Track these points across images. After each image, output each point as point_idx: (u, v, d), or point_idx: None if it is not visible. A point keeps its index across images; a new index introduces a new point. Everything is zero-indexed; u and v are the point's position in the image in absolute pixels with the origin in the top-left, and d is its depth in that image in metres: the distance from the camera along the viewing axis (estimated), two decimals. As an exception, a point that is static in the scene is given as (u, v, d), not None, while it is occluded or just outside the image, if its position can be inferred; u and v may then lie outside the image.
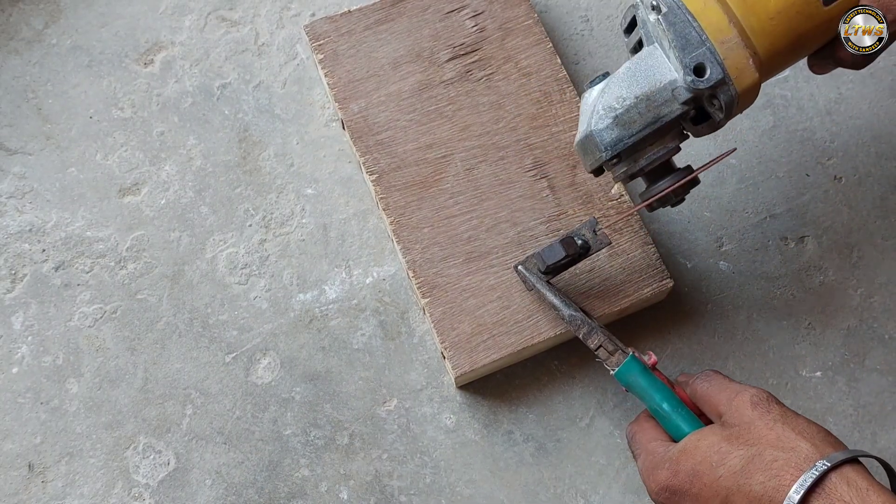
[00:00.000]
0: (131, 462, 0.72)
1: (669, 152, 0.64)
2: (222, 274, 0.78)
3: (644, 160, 0.64)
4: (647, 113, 0.62)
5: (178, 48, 0.85)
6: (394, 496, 0.72)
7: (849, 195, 0.83)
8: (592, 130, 0.64)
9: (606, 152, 0.64)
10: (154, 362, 0.75)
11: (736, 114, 0.63)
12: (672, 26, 0.61)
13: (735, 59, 0.60)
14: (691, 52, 0.61)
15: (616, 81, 0.63)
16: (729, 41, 0.60)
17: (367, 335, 0.77)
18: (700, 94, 0.61)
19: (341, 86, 0.80)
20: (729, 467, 0.57)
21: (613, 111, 0.63)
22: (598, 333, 0.68)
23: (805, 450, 0.56)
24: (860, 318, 0.79)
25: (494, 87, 0.80)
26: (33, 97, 0.83)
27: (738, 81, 0.61)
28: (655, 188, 0.66)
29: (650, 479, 0.62)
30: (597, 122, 0.63)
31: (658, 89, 0.62)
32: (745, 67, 0.61)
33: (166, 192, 0.80)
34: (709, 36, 0.60)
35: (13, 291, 0.77)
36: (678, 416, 0.64)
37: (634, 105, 0.62)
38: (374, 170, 0.77)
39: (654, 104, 0.62)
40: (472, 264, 0.75)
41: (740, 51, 0.60)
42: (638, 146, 0.64)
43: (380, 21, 0.82)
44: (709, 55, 0.60)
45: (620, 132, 0.63)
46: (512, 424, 0.75)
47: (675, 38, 0.61)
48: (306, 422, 0.74)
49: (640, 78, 0.63)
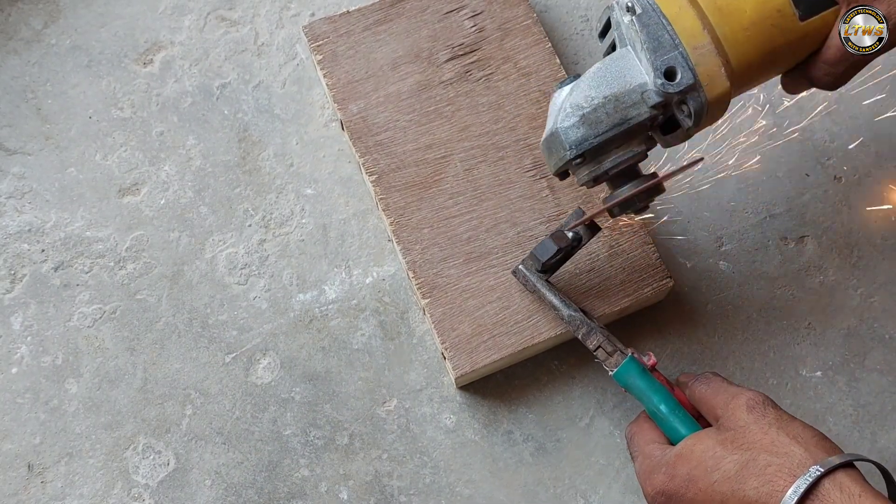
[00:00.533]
0: (131, 462, 0.72)
1: (635, 156, 0.64)
2: (222, 274, 0.78)
3: (608, 163, 0.64)
4: (614, 114, 0.62)
5: (178, 48, 0.85)
6: (393, 496, 0.72)
7: (848, 195, 0.83)
8: (558, 128, 0.63)
9: (570, 151, 0.63)
10: (153, 362, 0.75)
11: (705, 125, 0.63)
12: (645, 28, 0.60)
13: (707, 65, 0.60)
14: (663, 56, 0.60)
15: (586, 81, 0.63)
16: (702, 47, 0.60)
17: (367, 335, 0.77)
18: (669, 100, 0.61)
19: (340, 86, 0.80)
20: (724, 472, 0.57)
21: (581, 109, 0.62)
22: (596, 334, 0.68)
23: (799, 455, 0.56)
24: (860, 318, 0.79)
25: (494, 87, 0.80)
26: (32, 97, 0.83)
27: (708, 89, 0.60)
28: (618, 192, 0.65)
29: (647, 483, 0.62)
30: (563, 119, 0.63)
31: (627, 91, 0.61)
32: (716, 75, 0.60)
33: (166, 192, 0.80)
34: (682, 40, 0.60)
35: (13, 292, 0.77)
36: (675, 418, 0.64)
37: (602, 105, 0.62)
38: (374, 170, 0.77)
39: (623, 105, 0.61)
40: (472, 265, 0.75)
41: (713, 58, 0.60)
42: (603, 147, 0.63)
43: (379, 22, 0.82)
44: (680, 59, 0.60)
45: (586, 131, 0.62)
46: (511, 424, 0.75)
47: (648, 40, 0.60)
48: (306, 422, 0.74)
49: (610, 78, 0.62)
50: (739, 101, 0.83)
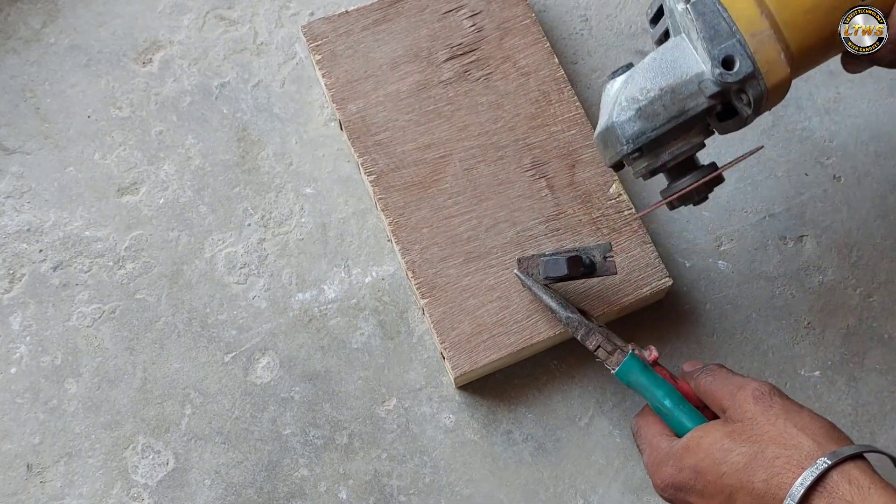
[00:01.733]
0: (130, 462, 0.72)
1: (693, 148, 0.62)
2: (221, 273, 0.78)
3: (667, 155, 0.62)
4: (671, 106, 0.60)
5: (177, 47, 0.85)
6: (393, 496, 0.72)
7: (848, 194, 0.83)
8: (614, 122, 0.61)
9: (628, 145, 0.61)
10: (153, 362, 0.75)
11: (764, 110, 0.61)
12: (701, 16, 0.58)
13: (766, 52, 0.58)
14: (720, 44, 0.58)
15: (640, 72, 0.61)
16: (760, 34, 0.58)
17: (367, 335, 0.77)
18: (728, 89, 0.59)
19: (339, 86, 0.80)
20: (732, 464, 0.57)
21: (637, 103, 0.60)
22: (595, 334, 0.68)
23: (807, 447, 0.55)
24: (859, 317, 0.79)
25: (493, 86, 0.80)
26: (31, 96, 0.83)
27: (768, 76, 0.58)
28: (677, 185, 0.64)
29: (655, 475, 0.62)
30: (619, 113, 0.61)
31: (684, 81, 0.59)
32: (776, 62, 0.58)
33: (165, 191, 0.80)
34: (739, 27, 0.58)
35: (11, 291, 0.77)
36: (680, 412, 0.64)
37: (659, 97, 0.60)
38: (373, 170, 0.77)
39: (680, 97, 0.60)
40: (472, 264, 0.75)
41: (772, 44, 0.58)
42: (661, 140, 0.61)
43: (377, 21, 0.81)
44: (739, 47, 0.58)
45: (643, 125, 0.60)
46: (511, 424, 0.75)
47: (704, 29, 0.58)
48: (305, 421, 0.74)
49: (665, 69, 0.60)
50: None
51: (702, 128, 0.63)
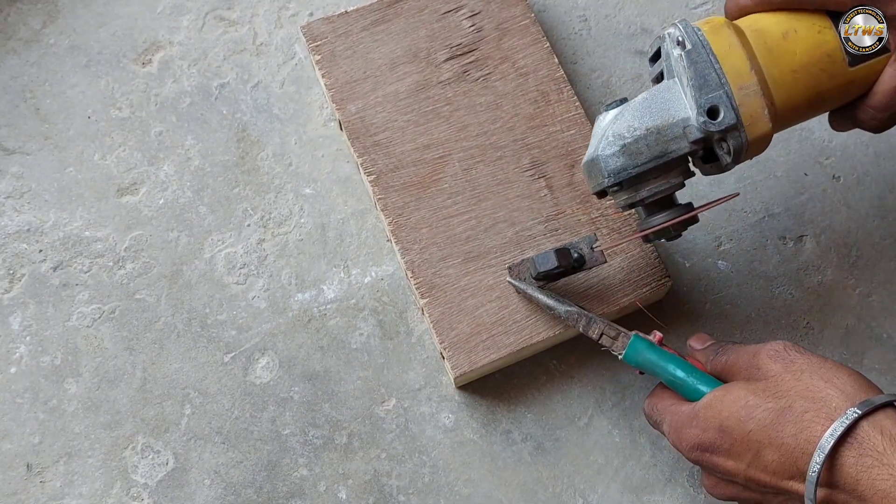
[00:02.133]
0: (130, 462, 0.72)
1: (672, 188, 0.64)
2: (220, 274, 0.78)
3: (646, 192, 0.64)
4: (655, 146, 0.62)
5: (176, 48, 0.85)
6: (392, 495, 0.72)
7: (847, 194, 0.83)
8: (598, 155, 0.63)
9: (609, 178, 0.63)
10: (152, 362, 0.75)
11: (745, 160, 0.63)
12: (693, 64, 0.61)
13: (751, 106, 0.60)
14: (708, 94, 0.60)
15: (630, 110, 0.63)
16: (748, 88, 0.60)
17: (366, 335, 0.77)
18: (710, 136, 0.61)
19: (338, 87, 0.80)
20: (758, 421, 0.57)
21: (622, 139, 0.62)
22: (597, 322, 0.68)
23: (835, 398, 0.55)
24: (858, 317, 0.79)
25: (492, 87, 0.80)
26: (31, 97, 0.83)
27: (750, 129, 0.60)
28: (653, 221, 0.66)
29: (680, 440, 0.62)
30: (604, 147, 0.63)
31: (670, 124, 0.62)
32: (759, 116, 0.60)
33: (164, 191, 0.80)
34: (728, 80, 0.60)
35: (11, 291, 0.77)
36: (695, 379, 0.64)
37: (644, 136, 0.62)
38: (372, 170, 0.77)
39: (664, 138, 0.62)
40: (471, 264, 0.75)
41: (757, 99, 0.60)
42: (642, 177, 0.63)
43: (377, 22, 0.82)
44: (725, 99, 0.60)
45: (626, 161, 0.63)
46: (510, 424, 0.75)
47: (695, 77, 0.61)
48: (305, 421, 0.74)
49: (654, 110, 0.62)
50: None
51: (682, 169, 0.65)
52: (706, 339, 0.68)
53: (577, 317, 0.69)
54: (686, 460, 0.67)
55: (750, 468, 0.58)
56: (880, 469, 0.52)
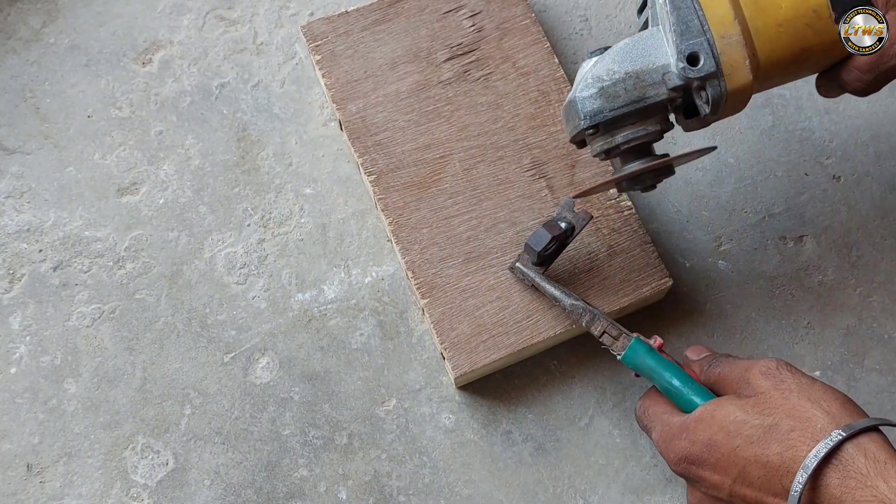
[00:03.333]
0: (130, 462, 0.72)
1: (648, 135, 0.63)
2: (221, 274, 0.78)
3: (621, 137, 0.63)
4: (633, 90, 0.62)
5: (177, 47, 0.85)
6: (392, 496, 0.72)
7: (847, 194, 0.83)
8: (576, 97, 0.63)
9: (585, 121, 0.63)
10: (152, 362, 0.75)
11: (724, 114, 0.63)
12: (676, 10, 0.60)
13: (732, 55, 0.60)
14: (689, 40, 0.60)
15: (611, 54, 0.63)
16: (730, 37, 0.60)
17: (366, 335, 0.77)
18: (689, 84, 0.61)
19: (339, 86, 0.80)
20: (746, 437, 0.57)
21: (600, 82, 0.62)
22: (600, 319, 0.68)
23: (821, 419, 0.55)
24: (859, 317, 0.79)
25: (492, 87, 0.80)
26: (31, 96, 0.83)
27: (730, 79, 0.60)
28: (628, 167, 0.65)
29: (668, 450, 0.62)
30: (582, 89, 0.63)
31: (649, 70, 0.61)
32: (740, 66, 0.60)
33: (164, 191, 0.80)
34: (710, 27, 0.60)
35: (11, 291, 0.77)
36: (690, 389, 0.64)
37: (623, 80, 0.62)
38: (373, 170, 0.77)
39: (643, 83, 0.61)
40: (471, 264, 0.74)
41: (739, 49, 0.60)
42: (618, 121, 0.63)
43: (377, 21, 0.81)
44: (706, 46, 0.60)
45: (602, 103, 0.62)
46: (511, 424, 0.75)
47: (677, 23, 0.60)
48: (305, 422, 0.74)
49: (634, 55, 0.62)
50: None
51: (660, 118, 0.64)
52: (702, 351, 0.68)
53: (582, 311, 0.69)
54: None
55: (735, 483, 0.58)
56: (863, 491, 0.52)
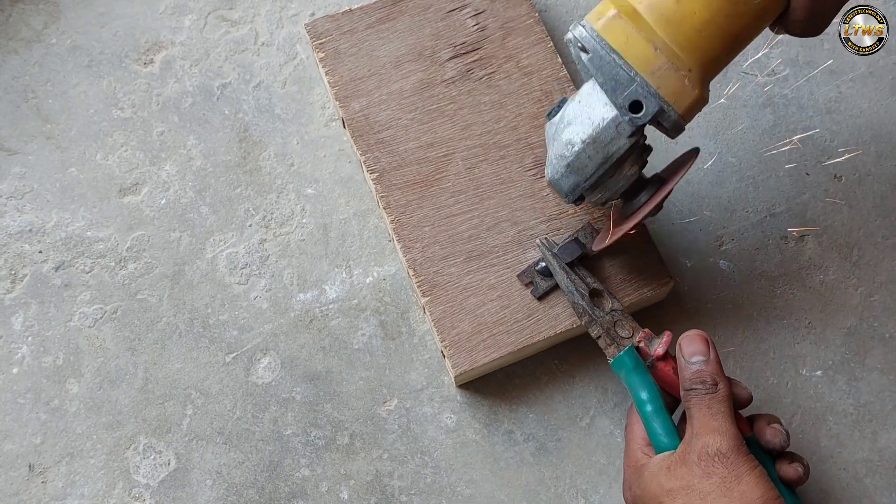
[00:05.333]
0: (132, 462, 0.72)
1: (628, 180, 0.66)
2: (222, 274, 0.78)
3: (609, 192, 0.66)
4: (596, 155, 0.63)
5: (178, 48, 0.85)
6: (394, 496, 0.72)
7: (849, 194, 0.83)
8: (551, 179, 0.66)
9: (568, 197, 0.67)
10: (154, 362, 0.75)
11: (689, 122, 0.63)
12: (599, 68, 0.61)
13: (669, 85, 0.60)
14: (623, 92, 0.60)
15: (564, 124, 0.64)
16: (659, 69, 0.59)
17: (368, 335, 0.77)
18: (643, 125, 0.61)
19: (342, 84, 0.80)
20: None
21: (565, 160, 0.64)
22: (596, 325, 0.69)
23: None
24: (860, 316, 0.79)
25: (495, 86, 0.80)
26: (33, 97, 0.83)
27: (677, 105, 0.60)
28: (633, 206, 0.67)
29: (622, 486, 0.67)
30: (553, 171, 0.66)
31: (602, 129, 0.62)
32: (682, 90, 0.60)
33: (166, 192, 0.80)
34: (637, 70, 0.60)
35: (13, 292, 0.77)
36: (658, 423, 0.65)
37: (583, 150, 0.63)
38: (375, 168, 0.77)
39: (601, 145, 0.63)
40: (473, 263, 0.75)
41: (672, 75, 0.59)
42: (598, 184, 0.65)
43: (381, 20, 0.82)
44: (641, 91, 0.60)
45: (576, 178, 0.65)
46: (512, 424, 0.75)
47: (605, 81, 0.61)
48: (307, 422, 0.74)
49: (583, 120, 0.63)
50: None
51: (635, 158, 0.66)
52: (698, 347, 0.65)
53: (582, 312, 0.70)
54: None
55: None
56: None
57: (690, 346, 0.65)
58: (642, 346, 0.68)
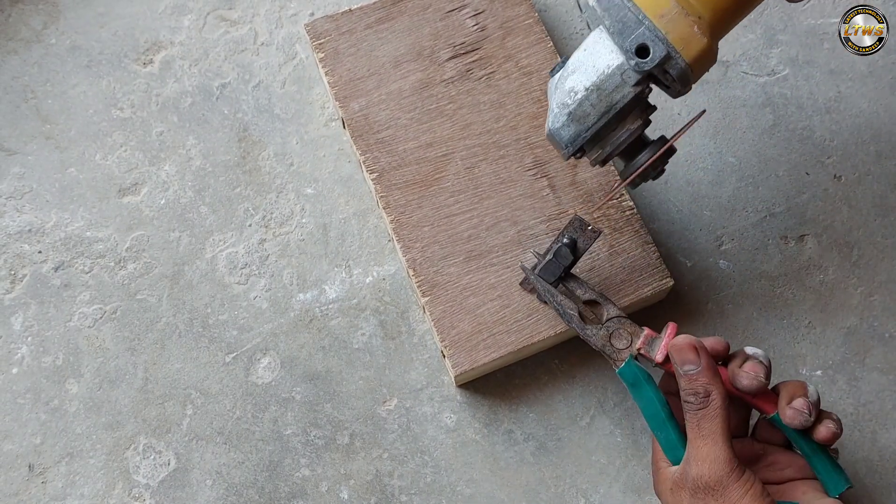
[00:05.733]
0: (131, 462, 0.72)
1: (632, 134, 0.63)
2: (222, 274, 0.78)
3: (610, 146, 0.63)
4: (599, 103, 0.61)
5: (178, 48, 0.85)
6: (394, 496, 0.72)
7: (848, 194, 0.83)
8: (550, 130, 0.63)
9: (567, 149, 0.63)
10: (154, 362, 0.75)
11: (698, 77, 0.61)
12: (607, 11, 0.59)
13: (678, 30, 0.58)
14: (630, 35, 0.58)
15: (568, 72, 0.62)
16: (668, 13, 0.58)
17: (368, 335, 0.77)
18: (649, 73, 0.59)
19: (342, 84, 0.80)
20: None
21: (567, 107, 0.62)
22: (594, 339, 0.68)
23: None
24: (860, 316, 0.79)
25: (495, 85, 0.80)
26: (32, 97, 0.83)
27: (685, 52, 0.58)
28: (632, 166, 0.65)
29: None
30: (553, 120, 0.63)
31: (607, 76, 0.60)
32: (690, 37, 0.58)
33: (166, 192, 0.80)
34: (646, 13, 0.58)
35: (13, 292, 0.77)
36: (661, 435, 0.65)
37: (586, 97, 0.61)
38: (375, 168, 0.77)
39: (605, 92, 0.61)
40: (473, 263, 0.75)
41: (682, 20, 0.58)
42: (599, 134, 0.63)
43: (380, 20, 0.82)
44: (648, 34, 0.58)
45: (577, 128, 0.62)
46: (512, 424, 0.75)
47: (613, 23, 0.59)
48: (306, 421, 0.74)
49: (588, 66, 0.61)
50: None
51: (639, 111, 0.63)
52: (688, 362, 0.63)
53: (578, 328, 0.69)
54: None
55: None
56: None
57: (679, 356, 0.63)
58: (643, 352, 0.67)
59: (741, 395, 0.64)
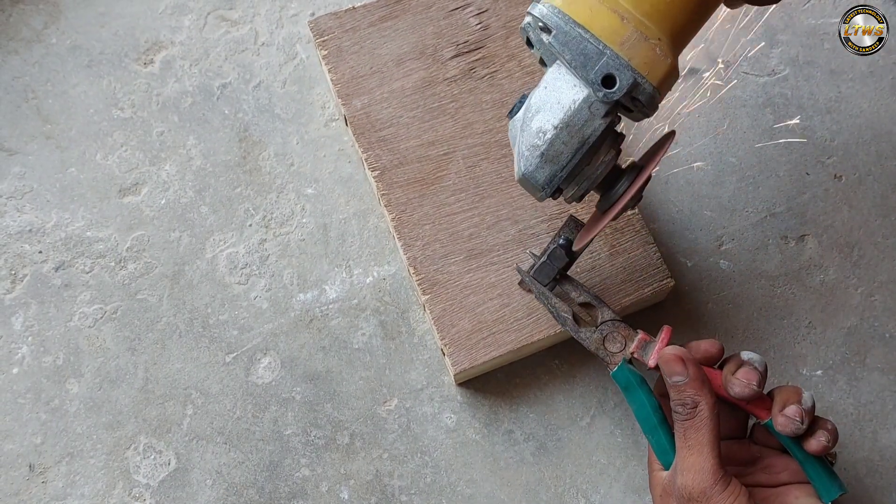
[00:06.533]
0: (132, 462, 0.72)
1: (607, 166, 0.62)
2: (222, 274, 0.78)
3: (587, 181, 0.62)
4: (571, 140, 0.59)
5: (178, 48, 0.85)
6: (394, 496, 0.72)
7: (849, 194, 0.83)
8: (524, 173, 0.61)
9: (545, 191, 0.61)
10: (154, 362, 0.75)
11: (664, 98, 0.60)
12: (565, 45, 0.58)
13: (641, 55, 0.57)
14: (593, 67, 0.57)
15: (531, 113, 0.60)
16: (628, 40, 0.57)
17: (368, 335, 0.77)
18: (618, 102, 0.58)
19: (344, 82, 0.80)
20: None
21: (538, 149, 0.60)
22: (588, 342, 0.68)
23: None
24: (861, 316, 0.79)
25: (497, 84, 0.80)
26: (33, 97, 0.83)
27: (651, 76, 0.57)
28: (610, 197, 0.63)
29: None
30: (525, 164, 0.61)
31: (574, 111, 0.59)
32: (654, 59, 0.57)
33: (166, 192, 0.80)
34: (606, 42, 0.57)
35: (13, 292, 0.76)
36: (652, 440, 0.65)
37: (556, 136, 0.59)
38: (377, 166, 0.77)
39: (576, 128, 0.59)
40: (473, 262, 0.75)
41: (643, 45, 0.57)
42: (574, 171, 0.61)
43: (384, 18, 0.82)
44: (612, 63, 0.57)
45: (552, 168, 0.60)
46: (512, 424, 0.75)
47: (573, 57, 0.57)
48: (307, 421, 0.74)
49: (552, 105, 0.59)
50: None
51: (610, 142, 0.62)
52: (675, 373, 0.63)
53: (572, 331, 0.68)
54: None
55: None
56: None
57: (667, 367, 0.63)
58: (636, 356, 0.67)
59: (734, 402, 0.64)
